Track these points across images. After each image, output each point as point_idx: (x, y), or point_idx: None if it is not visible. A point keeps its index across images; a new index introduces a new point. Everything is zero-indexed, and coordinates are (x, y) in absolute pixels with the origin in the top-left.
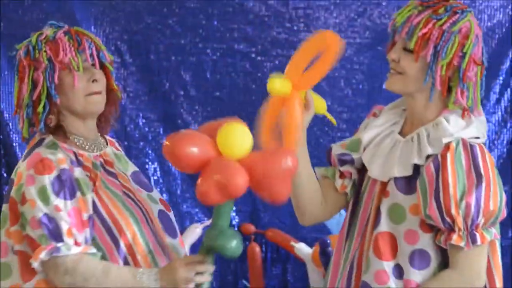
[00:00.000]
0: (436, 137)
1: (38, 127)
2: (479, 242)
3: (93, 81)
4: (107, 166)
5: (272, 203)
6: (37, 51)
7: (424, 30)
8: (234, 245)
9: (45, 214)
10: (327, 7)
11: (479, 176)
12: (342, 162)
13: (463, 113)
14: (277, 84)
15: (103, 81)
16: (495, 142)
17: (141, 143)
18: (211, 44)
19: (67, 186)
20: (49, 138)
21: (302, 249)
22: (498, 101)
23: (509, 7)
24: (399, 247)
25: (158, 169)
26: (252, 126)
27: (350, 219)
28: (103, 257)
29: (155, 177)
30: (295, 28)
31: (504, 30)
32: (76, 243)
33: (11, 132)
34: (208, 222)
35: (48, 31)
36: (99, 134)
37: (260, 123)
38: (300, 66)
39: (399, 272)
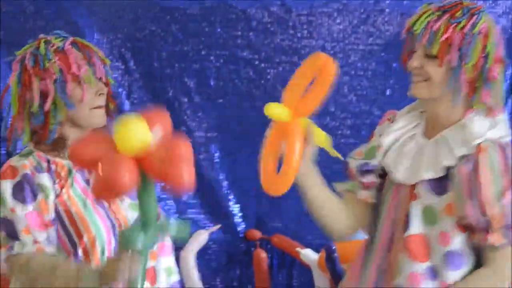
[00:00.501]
0: (466, 138)
1: (47, 137)
2: None
3: (100, 95)
4: (89, 175)
5: (177, 192)
6: (46, 61)
7: (446, 35)
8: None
9: (4, 217)
10: (330, 14)
11: None
12: (363, 172)
13: (488, 113)
14: (275, 109)
15: (105, 95)
16: None
17: None
18: (214, 51)
19: (26, 190)
20: (29, 147)
21: (308, 255)
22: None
23: None
24: (433, 248)
25: None
26: (255, 133)
27: (374, 223)
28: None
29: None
30: (299, 35)
31: (507, 36)
32: (36, 242)
33: None
34: (214, 228)
35: (55, 41)
36: None
37: (262, 149)
38: (297, 91)
39: (433, 273)
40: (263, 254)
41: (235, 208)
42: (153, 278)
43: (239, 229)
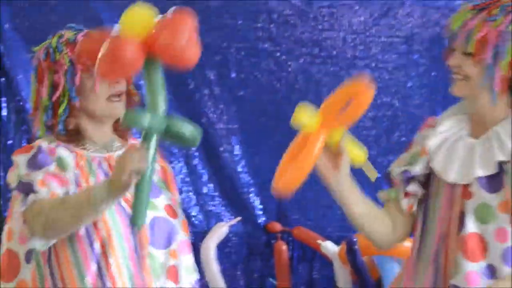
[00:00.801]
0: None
1: (56, 129)
2: None
3: (114, 85)
4: (109, 169)
5: (184, 67)
6: (57, 53)
7: (482, 33)
8: (179, 123)
9: (19, 181)
10: (351, 6)
11: None
12: (408, 180)
13: None
14: (302, 118)
15: (123, 83)
16: None
17: (167, 142)
18: (235, 44)
19: (42, 158)
20: (51, 136)
21: (329, 247)
22: None
23: None
24: (490, 247)
25: (184, 168)
26: (276, 125)
27: (423, 225)
28: (76, 258)
29: (181, 176)
30: (320, 27)
31: None
32: (52, 194)
33: None
34: (234, 221)
35: (67, 34)
36: (119, 137)
37: (284, 156)
38: (333, 107)
39: (491, 272)
40: (283, 246)
41: (255, 200)
42: (175, 277)
43: (259, 221)
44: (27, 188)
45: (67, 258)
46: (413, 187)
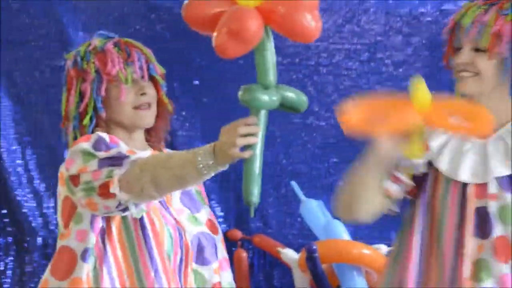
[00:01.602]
0: None
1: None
2: None
3: (141, 94)
4: None
5: (303, 41)
6: (85, 62)
7: (496, 27)
8: (293, 95)
9: (99, 160)
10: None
11: None
12: (400, 167)
13: None
14: (422, 90)
15: (152, 94)
16: None
17: None
18: (199, 50)
19: (106, 143)
20: None
21: (289, 254)
22: None
23: None
24: None
25: None
26: None
27: (426, 224)
28: (137, 268)
29: None
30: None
31: None
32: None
33: None
34: None
35: (97, 42)
36: (150, 147)
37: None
38: (449, 110)
39: None
40: (243, 254)
41: (216, 208)
42: None
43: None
44: (114, 160)
45: (128, 262)
46: (401, 176)
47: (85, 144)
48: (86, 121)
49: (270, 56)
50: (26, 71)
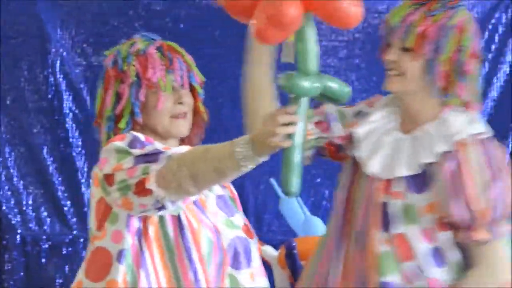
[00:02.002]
0: (447, 134)
1: None
2: (501, 235)
3: (179, 103)
4: None
5: (342, 27)
6: (125, 64)
7: (422, 28)
8: (335, 84)
9: (134, 157)
10: None
11: (496, 170)
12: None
13: (466, 107)
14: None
15: (190, 103)
16: None
17: None
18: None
19: (141, 143)
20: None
21: (268, 251)
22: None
23: (474, 10)
24: (417, 246)
25: None
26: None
27: (344, 214)
28: (175, 270)
29: None
30: None
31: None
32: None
33: None
34: None
35: (139, 44)
36: None
37: None
38: None
39: (419, 272)
40: None
41: None
42: None
43: None
44: (149, 157)
45: (165, 263)
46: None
47: (119, 142)
48: (122, 124)
49: (311, 44)
50: (5, 68)
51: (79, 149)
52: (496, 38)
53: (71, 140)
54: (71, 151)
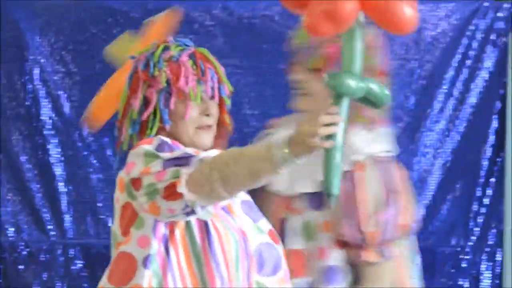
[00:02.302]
0: (346, 154)
1: None
2: (390, 257)
3: (206, 115)
4: None
5: (395, 32)
6: (156, 69)
7: (327, 49)
8: (375, 86)
9: (163, 160)
10: (272, 17)
11: (391, 192)
12: None
13: (369, 125)
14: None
15: (215, 114)
16: (439, 151)
17: (85, 153)
18: None
19: (169, 146)
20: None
21: None
22: (441, 110)
23: (453, 16)
24: (311, 264)
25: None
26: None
27: None
28: (202, 275)
29: None
30: (241, 37)
31: (447, 39)
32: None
33: None
34: None
35: (173, 49)
36: None
37: None
38: None
39: None
40: None
41: None
42: None
43: None
44: (179, 160)
45: (192, 269)
46: None
47: (147, 146)
48: (150, 131)
49: (360, 44)
50: None
51: (58, 156)
52: (475, 44)
53: (49, 147)
54: (49, 158)
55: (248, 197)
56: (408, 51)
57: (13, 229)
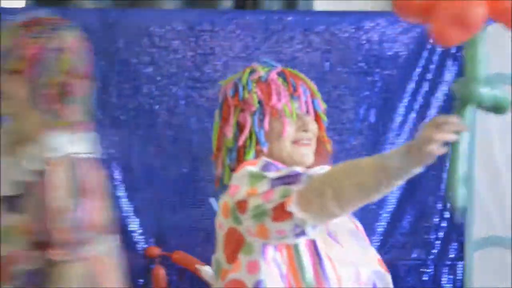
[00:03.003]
0: (39, 153)
1: None
2: (81, 256)
3: (303, 130)
4: None
5: None
6: (246, 92)
7: (25, 50)
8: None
9: (270, 180)
10: (233, 31)
11: (84, 192)
12: None
13: (68, 128)
14: None
15: (314, 130)
16: None
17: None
18: (117, 68)
19: (275, 165)
20: None
21: (208, 271)
22: (402, 123)
23: (414, 30)
24: (12, 269)
25: None
26: (156, 150)
27: None
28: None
29: None
30: (201, 51)
31: (407, 52)
32: None
33: None
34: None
35: (259, 70)
36: None
37: None
38: None
39: None
40: (161, 271)
41: (134, 225)
42: None
43: (138, 246)
44: (288, 178)
45: None
46: None
47: (252, 167)
48: (249, 156)
49: (483, 49)
50: None
51: None
52: (435, 58)
53: None
54: None
55: (352, 224)
56: (369, 64)
57: None
